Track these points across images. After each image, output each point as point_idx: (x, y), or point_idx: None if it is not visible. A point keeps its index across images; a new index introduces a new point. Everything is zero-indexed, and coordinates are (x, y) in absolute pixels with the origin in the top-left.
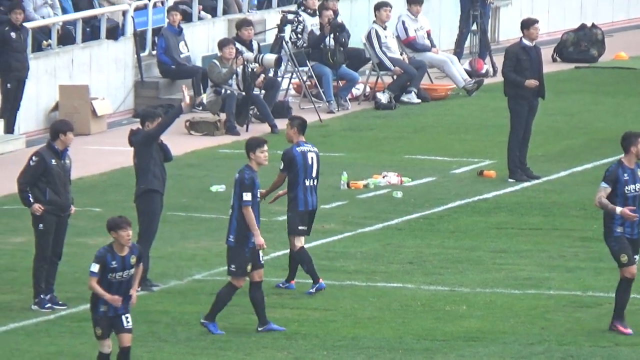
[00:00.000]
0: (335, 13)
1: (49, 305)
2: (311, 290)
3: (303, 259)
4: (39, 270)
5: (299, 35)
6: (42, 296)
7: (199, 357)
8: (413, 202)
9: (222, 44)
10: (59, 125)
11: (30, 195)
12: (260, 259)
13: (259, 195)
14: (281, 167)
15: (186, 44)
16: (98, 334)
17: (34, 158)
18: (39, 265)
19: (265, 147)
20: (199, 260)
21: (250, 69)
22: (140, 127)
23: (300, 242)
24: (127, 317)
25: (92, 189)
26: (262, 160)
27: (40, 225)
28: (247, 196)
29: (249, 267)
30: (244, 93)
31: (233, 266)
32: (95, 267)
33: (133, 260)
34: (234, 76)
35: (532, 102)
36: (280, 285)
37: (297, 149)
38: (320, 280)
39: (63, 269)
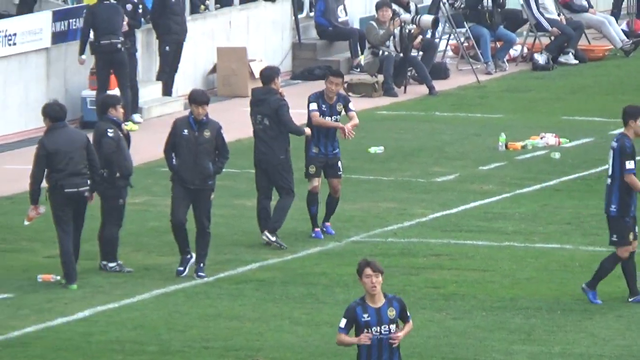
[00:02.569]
0: None
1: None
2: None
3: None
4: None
5: None
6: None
7: None
8: (571, 162)
9: (378, 6)
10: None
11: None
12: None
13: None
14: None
15: (345, 9)
16: None
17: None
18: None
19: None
20: (356, 222)
21: (407, 31)
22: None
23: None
24: None
25: (249, 151)
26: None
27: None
28: (630, 164)
29: (631, 236)
30: (401, 55)
31: (615, 236)
32: (342, 322)
33: (391, 313)
34: (392, 38)
35: None
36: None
37: None
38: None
39: (221, 230)
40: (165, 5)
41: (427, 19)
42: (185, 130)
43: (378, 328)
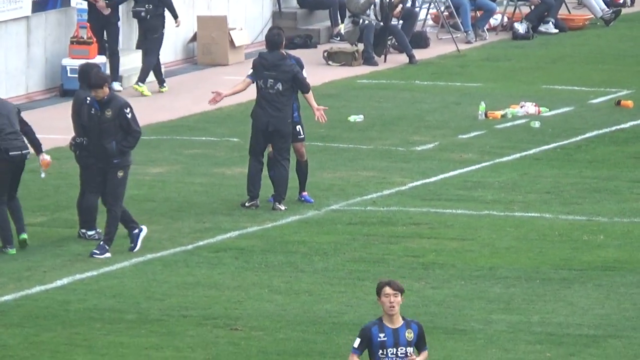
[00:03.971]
0: None
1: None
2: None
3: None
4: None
5: None
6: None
7: (336, 286)
8: (550, 131)
9: None
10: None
11: None
12: None
13: None
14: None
15: None
16: None
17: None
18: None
19: None
20: (336, 190)
21: (387, 0)
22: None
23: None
24: None
25: (229, 119)
26: None
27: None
28: None
29: None
30: (381, 23)
31: None
32: (356, 342)
33: (409, 335)
34: (372, 6)
35: None
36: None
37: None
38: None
39: (201, 199)
40: None
41: None
42: (91, 109)
43: (394, 350)
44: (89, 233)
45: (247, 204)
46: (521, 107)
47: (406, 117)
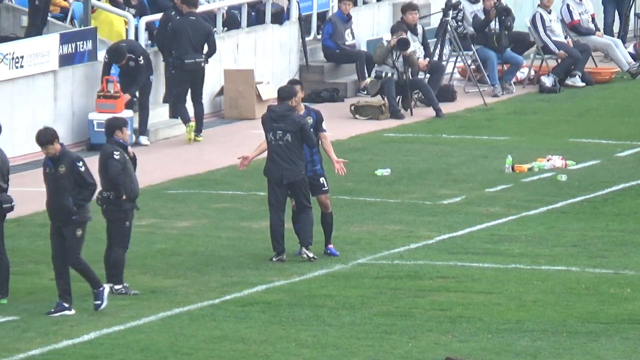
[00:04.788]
0: None
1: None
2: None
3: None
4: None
5: (459, 23)
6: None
7: (363, 340)
8: (577, 185)
9: (393, 30)
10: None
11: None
12: None
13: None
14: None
15: (352, 32)
16: None
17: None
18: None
19: None
20: (363, 244)
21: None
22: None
23: None
24: None
25: (255, 173)
26: None
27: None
28: None
29: None
30: (404, 77)
31: None
32: None
33: None
34: (397, 59)
35: None
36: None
37: None
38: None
39: (228, 253)
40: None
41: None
42: (47, 168)
43: None
44: (116, 287)
45: (274, 259)
46: (548, 160)
47: (433, 170)
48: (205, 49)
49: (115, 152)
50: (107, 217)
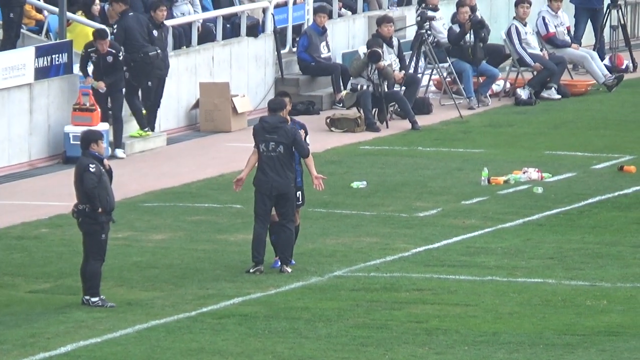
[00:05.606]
0: (473, 9)
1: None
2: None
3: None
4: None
5: (428, 32)
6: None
7: (339, 353)
8: (553, 197)
9: (369, 46)
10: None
11: None
12: None
13: None
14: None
15: (327, 45)
16: None
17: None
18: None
19: None
20: (339, 257)
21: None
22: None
23: None
24: None
25: (231, 186)
26: None
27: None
28: None
29: None
30: (379, 90)
31: None
32: None
33: None
34: (371, 72)
35: None
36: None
37: None
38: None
39: (204, 265)
40: (148, 41)
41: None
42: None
43: None
44: (93, 300)
45: (251, 270)
46: (524, 172)
47: (409, 183)
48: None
49: (91, 165)
50: (83, 230)
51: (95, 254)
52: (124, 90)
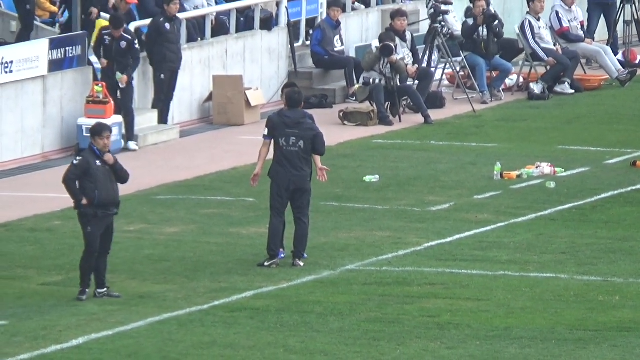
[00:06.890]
0: (487, 2)
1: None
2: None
3: None
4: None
5: (442, 24)
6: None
7: (351, 347)
8: (566, 192)
9: (382, 39)
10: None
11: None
12: None
13: None
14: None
15: (341, 39)
16: None
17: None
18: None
19: None
20: (351, 251)
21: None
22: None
23: None
24: None
25: (244, 179)
26: None
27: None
28: None
29: None
30: (392, 84)
31: None
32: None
33: None
34: (385, 66)
35: None
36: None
37: None
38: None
39: (217, 258)
40: (160, 33)
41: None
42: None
43: None
44: (81, 296)
45: (266, 263)
46: (537, 167)
47: (422, 177)
48: None
49: (77, 158)
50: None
51: (85, 245)
52: (134, 83)
